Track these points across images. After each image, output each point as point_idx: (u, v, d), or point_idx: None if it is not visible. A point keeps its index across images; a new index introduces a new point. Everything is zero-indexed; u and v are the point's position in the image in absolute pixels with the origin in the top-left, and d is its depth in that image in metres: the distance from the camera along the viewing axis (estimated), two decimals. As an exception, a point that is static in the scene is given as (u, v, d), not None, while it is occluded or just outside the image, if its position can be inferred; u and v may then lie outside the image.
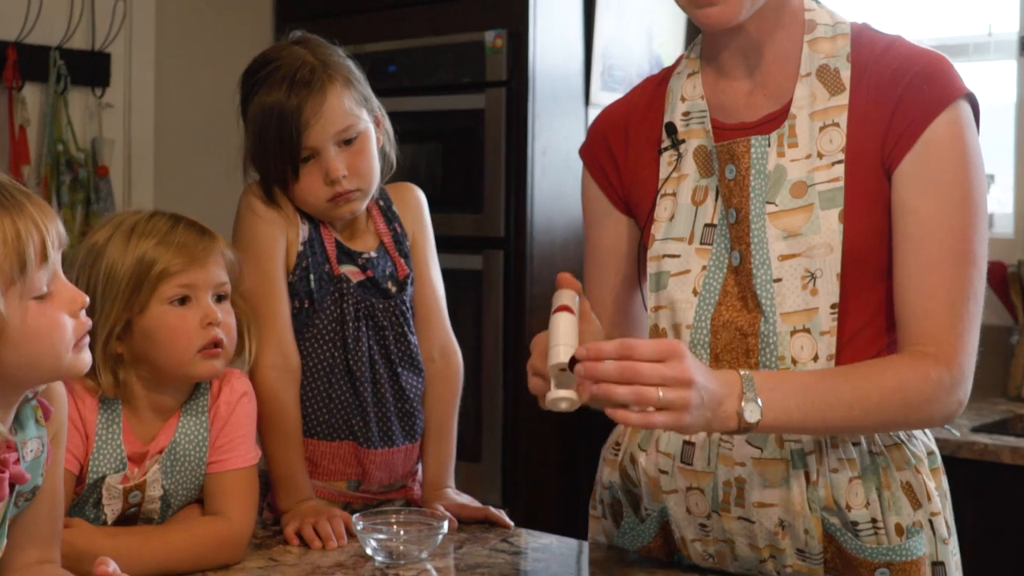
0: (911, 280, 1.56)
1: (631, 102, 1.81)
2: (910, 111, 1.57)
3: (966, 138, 1.58)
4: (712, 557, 1.67)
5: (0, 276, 1.29)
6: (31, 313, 1.33)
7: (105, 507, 1.69)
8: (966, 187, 1.57)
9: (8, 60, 3.52)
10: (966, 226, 1.56)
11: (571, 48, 3.65)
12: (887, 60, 1.61)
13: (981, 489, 2.77)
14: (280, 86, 1.92)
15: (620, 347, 1.37)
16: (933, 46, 3.54)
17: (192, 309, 1.71)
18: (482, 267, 3.54)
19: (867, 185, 1.59)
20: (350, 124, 1.93)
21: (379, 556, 1.72)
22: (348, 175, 1.92)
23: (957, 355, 1.54)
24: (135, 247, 1.70)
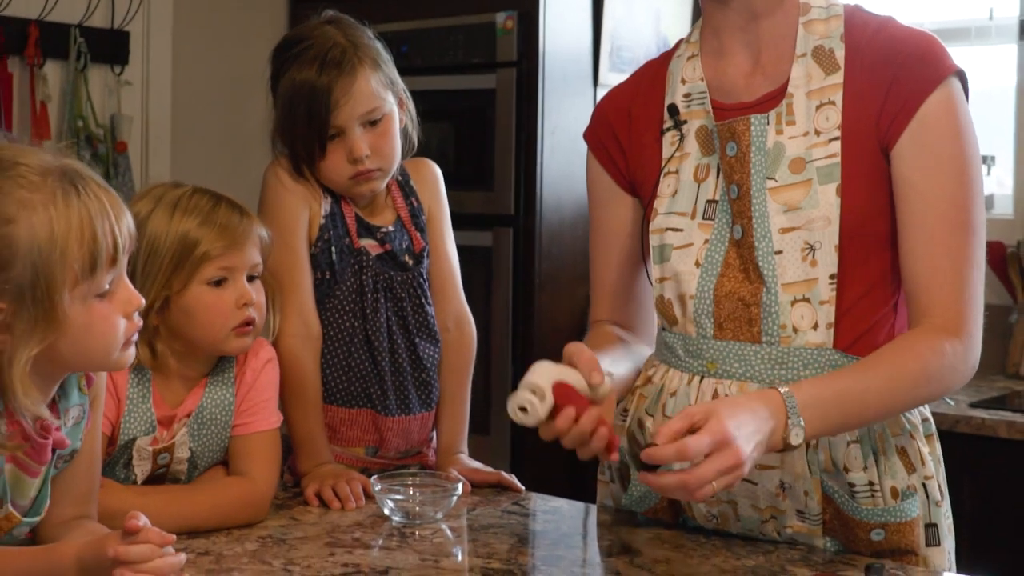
0: (916, 252, 1.63)
1: (633, 85, 1.88)
2: (904, 90, 1.64)
3: (959, 114, 1.64)
4: (716, 518, 1.74)
5: (69, 272, 1.36)
6: (91, 312, 1.39)
7: (135, 467, 1.76)
8: (962, 161, 1.63)
9: (30, 38, 3.54)
10: (965, 198, 1.63)
11: (580, 30, 3.71)
12: (880, 41, 1.68)
13: (978, 462, 2.85)
14: (312, 65, 1.97)
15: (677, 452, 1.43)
16: (935, 30, 3.62)
17: (229, 290, 1.78)
18: (492, 244, 3.61)
19: (863, 160, 1.65)
20: (376, 106, 1.99)
21: (396, 516, 1.79)
22: (371, 155, 1.98)
23: (966, 323, 1.61)
24: (178, 224, 1.76)
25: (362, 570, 1.56)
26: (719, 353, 1.69)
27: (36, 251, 1.34)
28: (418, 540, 1.70)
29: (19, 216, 1.35)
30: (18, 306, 1.34)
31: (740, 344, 1.67)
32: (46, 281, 1.35)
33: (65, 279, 1.36)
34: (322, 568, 1.56)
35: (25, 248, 1.34)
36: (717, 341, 1.69)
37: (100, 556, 1.32)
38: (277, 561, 1.59)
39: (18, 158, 1.39)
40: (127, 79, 3.86)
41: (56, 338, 1.37)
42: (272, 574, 1.54)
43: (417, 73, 3.78)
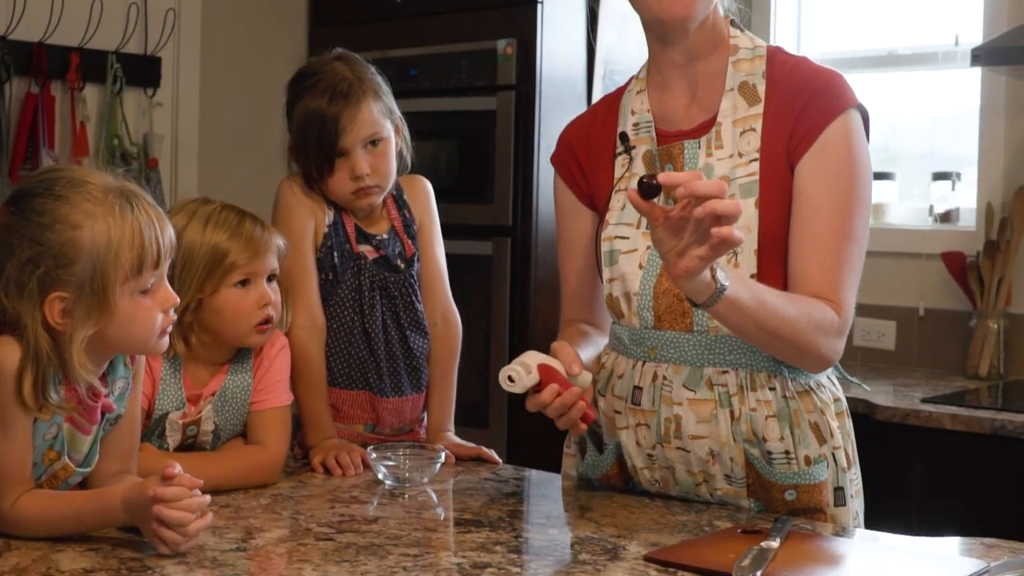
0: (804, 250, 1.92)
1: (592, 116, 2.19)
2: (810, 117, 1.94)
3: (854, 140, 1.95)
4: (658, 483, 2.04)
5: (120, 271, 1.67)
6: (136, 305, 1.71)
7: (167, 438, 2.08)
8: (852, 179, 1.94)
9: (71, 64, 3.83)
10: (850, 210, 1.93)
11: (575, 55, 4.00)
12: (794, 76, 1.99)
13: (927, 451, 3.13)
14: (323, 96, 2.28)
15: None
16: (904, 55, 3.90)
17: (252, 292, 2.09)
18: (491, 252, 3.91)
19: (777, 178, 1.95)
20: (376, 131, 2.30)
21: (388, 480, 2.10)
22: (370, 173, 2.29)
23: (843, 308, 1.91)
24: (211, 236, 2.07)
25: (356, 519, 1.87)
26: (658, 341, 1.99)
27: (96, 252, 1.66)
28: (405, 499, 2.02)
29: (84, 223, 1.67)
30: (78, 296, 1.66)
31: (675, 333, 1.98)
32: (102, 277, 1.67)
33: (117, 276, 1.68)
34: (322, 518, 1.87)
35: (87, 250, 1.66)
36: (656, 331, 1.99)
37: (142, 496, 1.63)
38: (286, 512, 1.91)
39: (86, 177, 1.71)
40: (159, 101, 4.13)
41: (106, 324, 1.69)
42: (281, 520, 1.86)
43: (425, 95, 4.09)
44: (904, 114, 4.23)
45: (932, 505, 3.13)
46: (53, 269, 1.66)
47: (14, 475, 1.68)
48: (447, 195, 3.96)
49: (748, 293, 1.80)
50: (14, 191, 1.73)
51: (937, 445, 3.11)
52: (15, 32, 3.74)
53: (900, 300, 3.94)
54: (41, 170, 1.79)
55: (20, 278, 1.66)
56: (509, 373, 1.88)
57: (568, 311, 2.24)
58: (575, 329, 2.19)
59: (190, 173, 4.28)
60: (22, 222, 1.67)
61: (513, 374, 1.88)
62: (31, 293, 1.66)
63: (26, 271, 1.66)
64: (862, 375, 3.73)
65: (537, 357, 1.90)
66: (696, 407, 1.96)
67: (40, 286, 1.66)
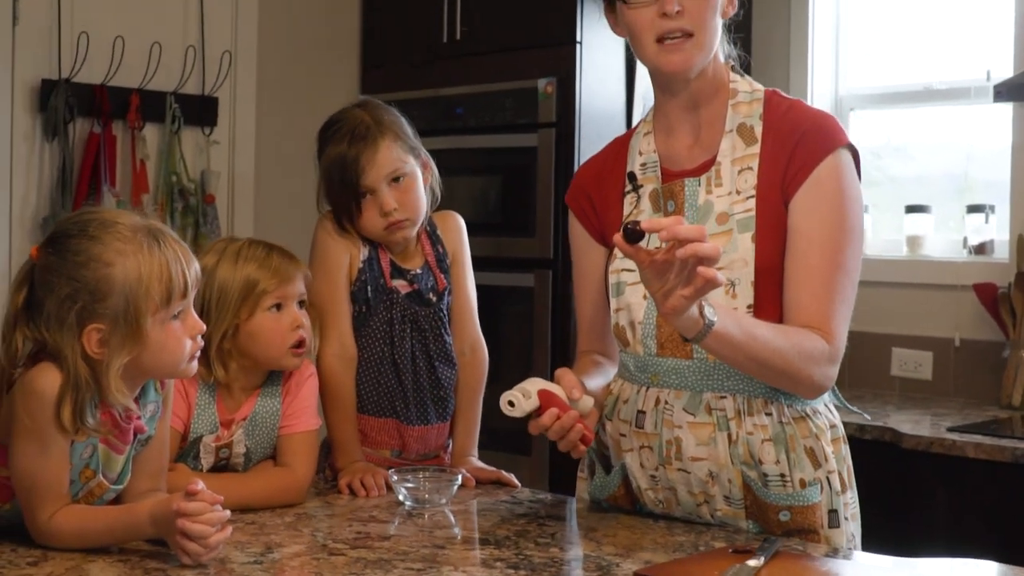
0: (798, 281, 2.03)
1: (603, 157, 2.31)
2: (803, 155, 2.05)
3: (844, 177, 2.06)
4: (662, 503, 2.15)
5: (151, 302, 1.82)
6: (166, 333, 1.86)
7: (201, 459, 2.22)
8: (843, 214, 2.04)
9: (132, 105, 4.02)
10: (842, 243, 2.04)
11: (613, 93, 4.12)
12: (789, 118, 2.10)
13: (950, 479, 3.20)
14: (343, 140, 2.42)
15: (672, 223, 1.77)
16: (938, 90, 3.98)
17: (284, 315, 2.24)
18: (533, 284, 4.02)
19: (773, 213, 2.06)
20: (397, 167, 2.43)
21: (408, 501, 2.22)
22: (398, 208, 2.42)
23: (833, 337, 2.01)
24: (241, 269, 2.22)
25: (371, 536, 1.99)
26: (660, 367, 2.10)
27: (128, 287, 1.81)
28: (421, 518, 2.14)
29: (116, 261, 1.81)
30: (113, 327, 1.81)
31: (676, 360, 2.08)
32: (135, 309, 1.81)
33: (148, 308, 1.82)
34: (340, 535, 2.00)
35: (120, 285, 1.81)
36: (659, 358, 2.10)
37: (167, 510, 1.77)
38: (306, 529, 2.04)
39: (116, 218, 1.86)
40: (215, 139, 4.31)
41: (140, 351, 1.83)
42: (300, 537, 1.99)
43: (470, 132, 4.24)
44: (940, 148, 4.30)
45: (956, 532, 3.19)
46: (90, 303, 1.81)
47: (51, 491, 1.83)
48: (491, 229, 4.14)
49: (737, 327, 1.91)
50: (51, 234, 1.89)
51: (961, 473, 3.18)
52: (78, 75, 3.93)
53: (936, 331, 4.00)
54: (75, 213, 1.95)
55: (60, 313, 1.81)
56: (509, 398, 2.00)
57: (583, 343, 2.35)
58: (589, 359, 2.30)
59: (246, 208, 4.45)
60: (60, 262, 1.82)
61: (513, 399, 2.00)
62: (70, 326, 1.81)
63: (65, 306, 1.81)
64: (898, 405, 3.81)
65: (538, 383, 2.02)
66: (696, 430, 2.07)
67: (78, 319, 1.81)
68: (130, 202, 4.00)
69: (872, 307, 4.07)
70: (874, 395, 4.00)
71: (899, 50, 4.32)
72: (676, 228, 1.74)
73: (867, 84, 4.37)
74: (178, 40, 4.23)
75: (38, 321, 1.83)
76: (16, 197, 3.90)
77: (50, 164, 3.94)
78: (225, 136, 4.39)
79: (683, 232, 1.74)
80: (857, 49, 4.40)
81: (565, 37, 4.04)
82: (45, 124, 3.91)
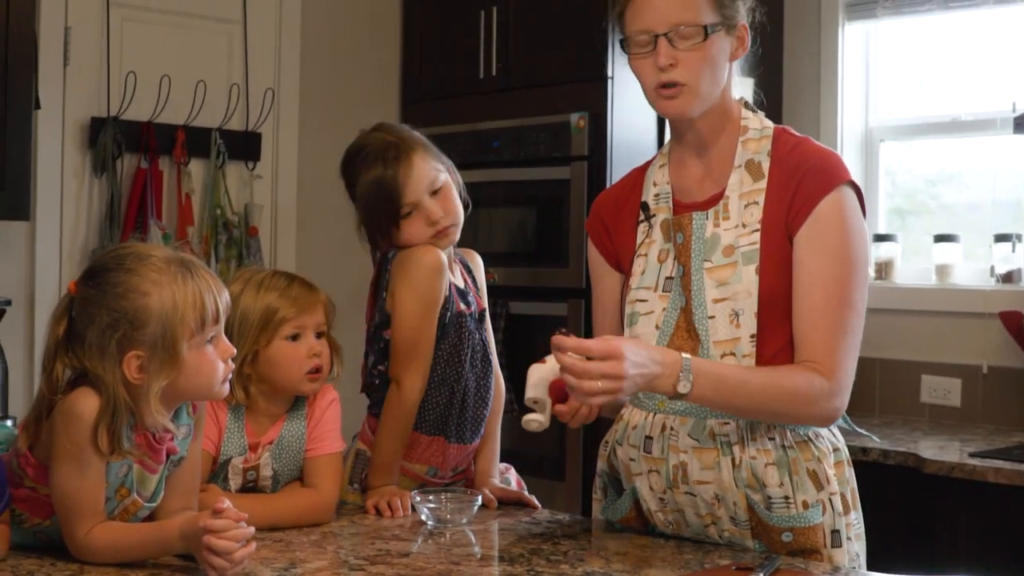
0: (803, 317, 2.11)
1: (620, 187, 2.41)
2: (806, 192, 2.13)
3: (846, 213, 2.14)
4: (671, 525, 2.23)
5: (187, 329, 1.94)
6: (201, 356, 1.97)
7: (230, 481, 2.33)
8: (845, 249, 2.12)
9: (178, 140, 4.16)
10: (846, 278, 2.12)
11: (644, 126, 4.20)
12: (794, 155, 2.18)
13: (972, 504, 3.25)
14: (376, 164, 2.49)
15: (577, 347, 1.97)
16: (966, 121, 4.04)
17: (301, 344, 2.34)
18: (567, 313, 4.11)
19: (777, 247, 2.14)
20: (434, 177, 2.50)
21: (430, 521, 2.31)
22: (444, 215, 2.50)
23: (836, 372, 2.09)
24: (263, 298, 2.33)
25: (391, 553, 2.09)
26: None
27: (164, 315, 1.93)
28: (443, 537, 2.23)
29: (152, 291, 1.93)
30: (151, 353, 1.93)
31: (682, 388, 2.17)
32: (171, 335, 1.93)
33: (184, 333, 1.94)
34: (362, 552, 2.09)
35: (156, 313, 1.92)
36: (666, 386, 2.19)
37: (195, 527, 1.87)
38: (330, 547, 2.14)
39: (150, 252, 1.99)
40: (259, 173, 4.45)
41: (177, 375, 1.95)
42: (324, 554, 2.09)
43: (505, 165, 4.35)
44: (968, 178, 4.36)
45: (979, 557, 3.24)
46: (129, 332, 1.92)
47: (88, 509, 1.94)
48: (525, 259, 4.24)
49: (715, 391, 2.04)
50: (88, 269, 2.01)
51: (982, 498, 3.23)
52: (126, 112, 4.08)
53: (964, 358, 4.06)
54: (110, 249, 2.07)
55: (101, 342, 1.93)
56: (528, 425, 2.08)
57: None
58: None
59: (288, 240, 4.58)
60: (99, 294, 1.94)
61: (534, 424, 2.08)
62: (111, 354, 1.93)
63: (106, 335, 1.93)
64: (927, 430, 3.86)
65: (542, 377, 2.09)
66: (700, 455, 2.15)
67: (119, 347, 1.93)
68: (175, 235, 4.14)
69: (902, 335, 4.14)
70: (904, 421, 4.06)
71: (927, 83, 4.39)
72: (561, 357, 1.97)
73: (896, 116, 4.44)
74: (222, 78, 4.37)
75: (79, 351, 1.95)
76: (66, 230, 4.05)
77: (99, 198, 4.09)
78: (268, 170, 4.52)
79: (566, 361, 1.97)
80: (886, 82, 4.47)
81: (597, 73, 4.14)
82: (94, 160, 4.06)
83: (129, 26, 4.17)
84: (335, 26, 4.74)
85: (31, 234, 3.99)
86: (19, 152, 3.55)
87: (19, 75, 3.56)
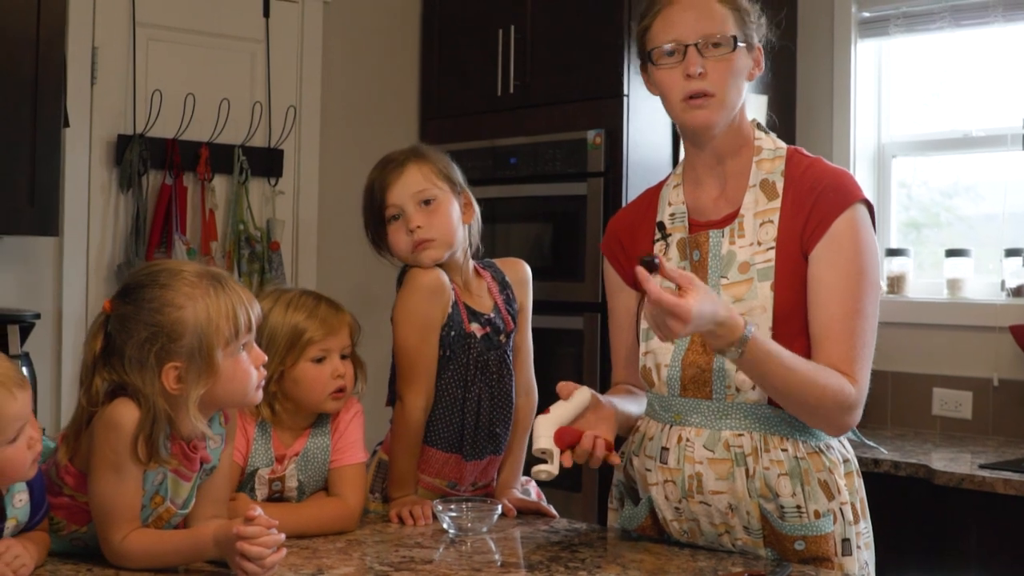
0: (822, 330, 2.17)
1: (635, 207, 2.48)
2: (821, 211, 2.20)
3: (860, 230, 2.20)
4: (686, 533, 2.30)
5: (221, 338, 2.02)
6: (235, 364, 2.05)
7: (257, 491, 2.40)
8: (860, 264, 2.19)
9: (202, 157, 4.24)
10: (859, 291, 2.18)
11: (659, 143, 4.27)
12: (808, 175, 2.25)
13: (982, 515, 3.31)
14: (376, 168, 2.58)
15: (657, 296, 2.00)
16: (977, 137, 4.10)
17: (327, 365, 2.41)
18: (583, 327, 4.18)
19: (791, 264, 2.21)
20: (425, 188, 2.52)
21: (452, 530, 2.38)
22: (423, 227, 2.52)
23: (858, 382, 2.16)
24: (291, 317, 2.40)
25: (414, 560, 2.16)
26: (683, 407, 2.25)
27: (200, 326, 2.01)
28: (464, 545, 2.30)
29: (187, 304, 2.01)
30: (189, 364, 2.01)
31: (697, 400, 2.24)
32: (207, 345, 2.01)
33: (218, 342, 2.02)
34: (386, 558, 2.17)
35: (192, 325, 2.00)
36: (682, 398, 2.26)
37: (228, 534, 1.95)
38: (356, 553, 2.21)
39: (181, 267, 2.07)
40: (281, 189, 4.52)
41: (214, 383, 2.03)
42: (350, 560, 2.16)
43: (523, 181, 4.41)
44: (979, 193, 4.42)
45: (989, 566, 3.29)
46: (166, 344, 2.00)
47: (125, 515, 2.02)
48: (542, 273, 4.28)
49: (770, 354, 2.08)
50: (123, 287, 2.08)
51: (991, 509, 3.29)
52: (152, 130, 4.17)
53: (975, 371, 4.12)
54: (142, 266, 2.15)
55: (140, 355, 2.01)
56: (537, 476, 2.19)
57: (618, 375, 2.52)
58: (623, 388, 2.48)
59: (310, 255, 4.65)
60: (136, 310, 2.02)
61: (543, 475, 2.18)
62: (151, 366, 2.00)
63: (144, 349, 2.01)
64: (938, 442, 3.92)
65: (547, 427, 2.18)
66: (715, 466, 2.22)
67: (157, 359, 2.01)
68: (200, 250, 4.22)
69: (914, 348, 4.21)
70: (915, 434, 4.12)
71: (938, 100, 4.46)
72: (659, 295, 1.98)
73: (908, 132, 4.51)
74: (245, 96, 4.45)
75: (118, 365, 2.03)
76: (93, 245, 4.13)
77: (125, 214, 4.17)
78: (290, 186, 4.59)
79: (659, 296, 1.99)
80: (898, 99, 4.54)
81: (613, 91, 4.22)
82: (121, 176, 4.14)
83: (155, 46, 4.26)
84: (355, 45, 4.82)
85: (59, 249, 4.07)
86: (48, 169, 3.63)
87: (49, 94, 3.64)
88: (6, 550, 1.93)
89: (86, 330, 4.04)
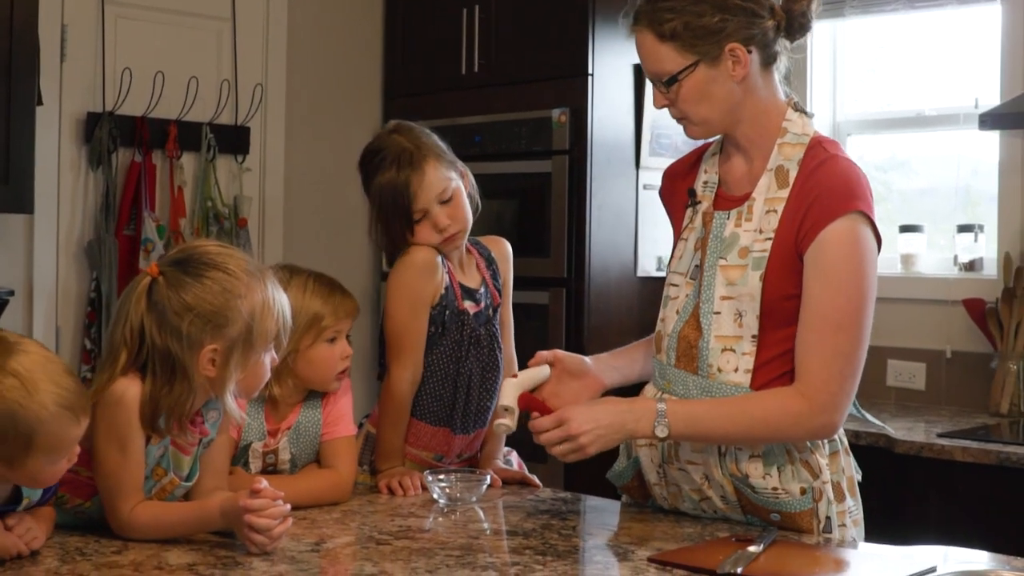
0: (800, 339, 2.21)
1: (683, 164, 2.48)
2: (816, 213, 2.20)
3: (850, 241, 2.18)
4: (666, 499, 2.37)
5: (264, 339, 2.11)
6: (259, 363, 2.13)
7: (250, 464, 2.45)
8: (846, 277, 2.18)
9: (170, 135, 4.28)
10: (844, 304, 2.18)
11: (623, 121, 4.36)
12: (817, 173, 2.22)
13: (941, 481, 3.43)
14: (390, 168, 2.59)
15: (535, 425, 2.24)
16: (930, 116, 4.21)
17: (337, 347, 2.48)
18: (548, 302, 4.27)
19: (784, 258, 2.22)
20: (444, 187, 2.61)
21: (442, 499, 2.45)
22: (451, 223, 2.61)
23: (819, 394, 2.19)
24: (309, 301, 2.45)
25: (412, 529, 2.23)
26: (674, 377, 2.32)
27: (249, 318, 2.08)
28: (455, 514, 2.38)
29: (246, 294, 2.08)
30: (228, 351, 2.07)
31: (684, 373, 2.31)
32: (251, 339, 2.09)
33: (261, 342, 2.11)
34: (384, 528, 2.24)
35: (246, 315, 2.07)
36: (675, 369, 2.32)
37: (235, 506, 2.01)
38: (353, 523, 2.28)
39: (244, 257, 2.14)
40: (248, 166, 4.56)
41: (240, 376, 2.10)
42: (349, 530, 2.23)
43: (487, 159, 4.46)
44: (932, 171, 4.55)
45: (948, 529, 3.40)
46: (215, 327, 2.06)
47: (131, 487, 2.07)
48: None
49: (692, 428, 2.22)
50: (180, 257, 2.12)
51: (950, 476, 3.41)
52: (121, 108, 4.20)
53: (929, 343, 4.24)
54: (201, 243, 2.28)
55: (190, 329, 2.05)
56: (497, 428, 2.34)
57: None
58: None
59: (276, 231, 4.69)
60: (196, 284, 2.07)
61: (502, 427, 2.33)
62: (196, 341, 2.06)
63: (195, 325, 2.05)
64: (894, 412, 4.04)
65: (513, 388, 2.33)
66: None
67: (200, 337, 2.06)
68: (168, 226, 4.25)
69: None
70: (871, 404, 4.23)
71: (893, 79, 4.57)
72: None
73: (862, 111, 4.62)
74: (213, 74, 4.48)
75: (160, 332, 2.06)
76: (63, 222, 4.15)
77: (94, 191, 4.20)
78: (256, 163, 4.63)
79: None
80: (853, 78, 4.65)
81: (577, 69, 4.29)
82: (90, 154, 4.17)
83: (123, 23, 4.28)
84: (320, 23, 4.85)
85: (29, 226, 4.09)
86: (22, 147, 3.65)
87: (22, 72, 3.66)
88: (18, 523, 1.98)
89: (56, 306, 4.10)
